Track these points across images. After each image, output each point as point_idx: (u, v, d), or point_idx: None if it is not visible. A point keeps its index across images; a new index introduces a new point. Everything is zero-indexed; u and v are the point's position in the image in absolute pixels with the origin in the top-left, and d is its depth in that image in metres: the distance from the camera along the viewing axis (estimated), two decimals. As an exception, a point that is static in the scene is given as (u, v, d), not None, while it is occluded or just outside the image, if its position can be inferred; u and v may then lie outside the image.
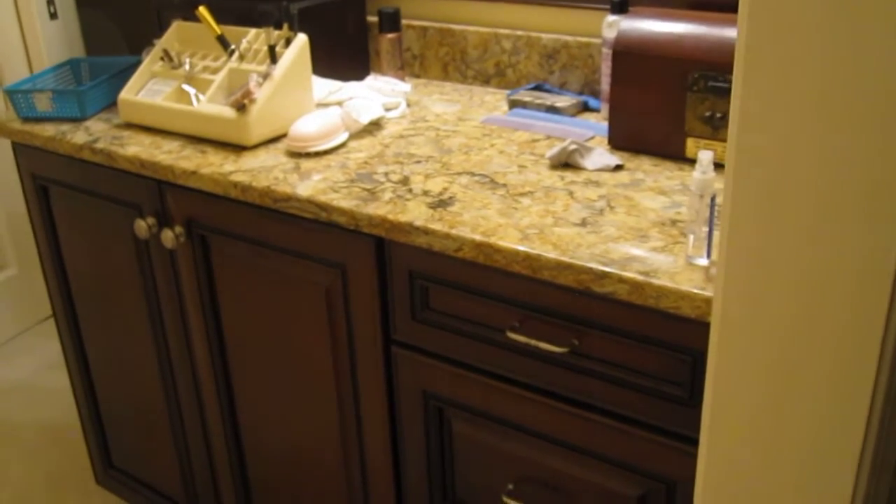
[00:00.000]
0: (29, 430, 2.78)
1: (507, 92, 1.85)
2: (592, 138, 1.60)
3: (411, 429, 1.50)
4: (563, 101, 1.74)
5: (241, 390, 1.77)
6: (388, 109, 1.74)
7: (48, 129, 1.81)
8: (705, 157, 1.14)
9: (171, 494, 2.11)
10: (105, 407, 2.17)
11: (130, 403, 2.07)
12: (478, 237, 1.25)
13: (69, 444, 2.70)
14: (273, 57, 1.65)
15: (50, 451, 2.68)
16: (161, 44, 1.83)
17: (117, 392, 2.10)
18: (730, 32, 1.43)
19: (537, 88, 1.83)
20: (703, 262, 1.16)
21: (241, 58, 1.72)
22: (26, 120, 1.87)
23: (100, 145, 1.70)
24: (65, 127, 1.81)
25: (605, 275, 1.15)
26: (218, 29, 1.73)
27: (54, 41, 2.91)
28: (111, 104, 1.90)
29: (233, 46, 1.72)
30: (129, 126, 1.78)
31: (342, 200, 1.39)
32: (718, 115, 1.43)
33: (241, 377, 1.75)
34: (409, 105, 1.81)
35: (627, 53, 1.50)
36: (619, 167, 1.47)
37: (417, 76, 2.04)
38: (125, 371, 2.03)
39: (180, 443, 1.99)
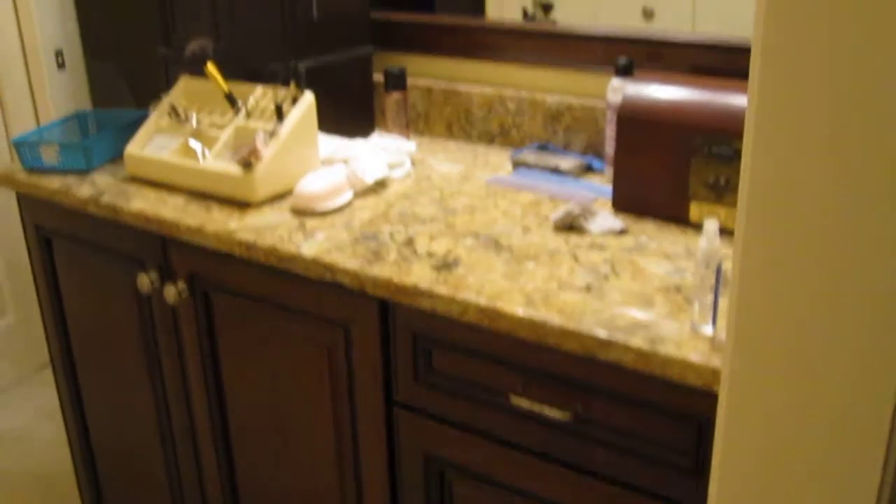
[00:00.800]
0: (23, 479, 2.75)
1: (512, 152, 1.86)
2: (596, 201, 1.61)
3: (412, 492, 1.48)
4: (567, 162, 1.75)
5: (239, 447, 1.76)
6: (392, 168, 1.75)
7: (54, 182, 1.81)
8: (711, 226, 1.14)
9: (166, 551, 2.08)
10: (100, 458, 2.15)
11: (126, 455, 2.05)
12: (482, 301, 1.25)
13: (63, 494, 2.67)
14: (280, 115, 1.66)
15: (44, 500, 2.65)
16: (168, 99, 1.85)
17: (113, 443, 2.08)
18: (733, 99, 1.44)
19: (541, 149, 1.84)
20: (709, 330, 1.16)
21: (248, 115, 1.73)
22: (32, 171, 1.87)
23: (105, 199, 1.70)
24: (70, 179, 1.82)
25: (610, 343, 1.15)
26: (225, 86, 1.74)
27: (61, 91, 2.93)
28: (117, 157, 1.91)
29: (240, 103, 1.73)
30: (135, 180, 1.79)
31: (347, 261, 1.39)
32: (722, 180, 1.44)
33: (240, 434, 1.74)
34: (413, 164, 1.82)
35: (632, 119, 1.51)
36: (623, 231, 1.47)
37: (422, 134, 2.05)
38: (122, 422, 2.01)
39: (176, 498, 1.97)
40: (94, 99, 3.02)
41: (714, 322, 1.16)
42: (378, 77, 1.99)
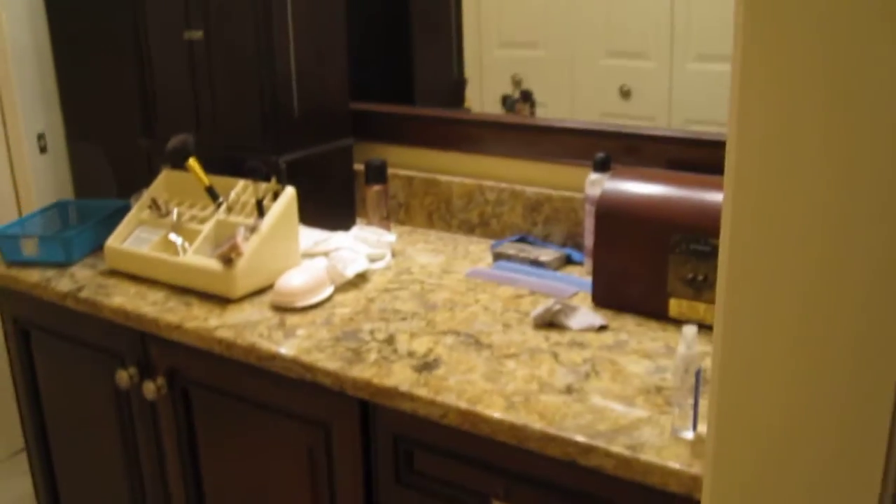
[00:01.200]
0: (-5, 573, 2.69)
1: (492, 243, 1.87)
2: (576, 295, 1.62)
3: None
4: (546, 254, 1.77)
5: (218, 545, 1.73)
6: (373, 260, 1.76)
7: (33, 275, 1.81)
8: (689, 332, 1.15)
9: None
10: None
11: (103, 551, 2.02)
12: (463, 405, 1.24)
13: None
14: (261, 210, 1.67)
15: None
16: (149, 192, 1.86)
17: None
18: (709, 196, 1.46)
19: (521, 240, 1.86)
20: (689, 435, 1.15)
21: (229, 210, 1.74)
22: (11, 264, 1.87)
23: (84, 294, 1.70)
24: (50, 273, 1.81)
25: (591, 448, 1.14)
26: (207, 180, 1.75)
27: (43, 175, 2.94)
28: (98, 248, 1.91)
29: (221, 199, 1.74)
30: (115, 273, 1.79)
31: (327, 361, 1.38)
32: (700, 277, 1.45)
33: (219, 532, 1.71)
34: (394, 255, 1.83)
35: (610, 215, 1.53)
36: (603, 328, 1.48)
37: (402, 223, 2.06)
38: (99, 516, 1.98)
39: None
40: (76, 181, 3.02)
41: (695, 426, 1.16)
42: (359, 167, 2.01)
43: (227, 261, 1.61)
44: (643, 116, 1.98)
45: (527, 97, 2.10)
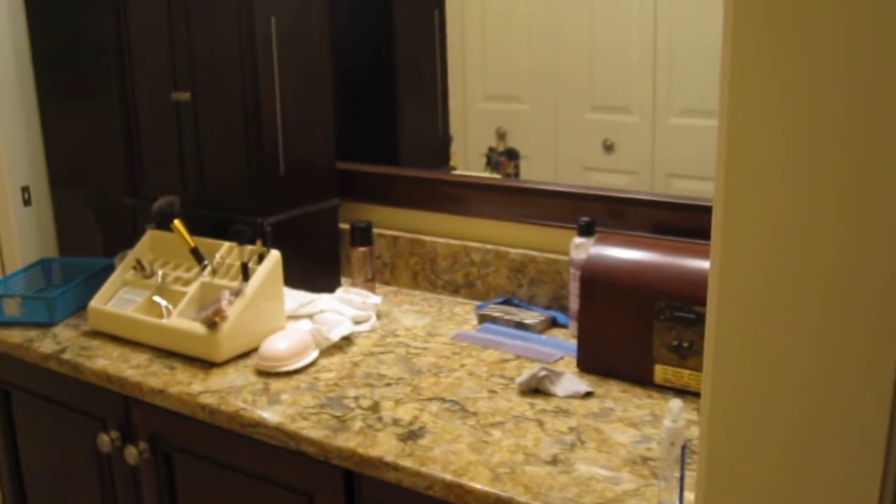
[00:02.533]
0: None
1: (477, 305, 1.87)
2: (561, 359, 1.62)
3: None
4: (531, 317, 1.77)
5: None
6: (358, 322, 1.76)
7: (15, 335, 1.80)
8: (675, 405, 1.15)
9: None
10: None
11: None
12: (448, 477, 1.24)
13: None
14: (245, 274, 1.67)
15: None
16: (134, 253, 1.85)
17: None
18: (694, 263, 1.47)
19: (506, 302, 1.86)
20: (675, 509, 1.15)
21: (214, 272, 1.73)
22: (-7, 324, 1.86)
23: (67, 356, 1.69)
24: (32, 333, 1.80)
25: (577, 523, 1.14)
26: (192, 242, 1.75)
27: (27, 228, 2.93)
28: (81, 308, 1.90)
29: (206, 261, 1.74)
30: (98, 334, 1.78)
31: (311, 429, 1.38)
32: (685, 343, 1.45)
33: None
34: (379, 317, 1.83)
35: (595, 280, 1.54)
36: (588, 394, 1.48)
37: (387, 283, 2.06)
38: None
39: None
40: (60, 235, 3.01)
41: (681, 499, 1.15)
42: (344, 226, 2.01)
43: (212, 324, 1.60)
44: (626, 170, 2.00)
45: (512, 155, 2.12)
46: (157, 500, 1.66)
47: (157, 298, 1.74)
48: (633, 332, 1.50)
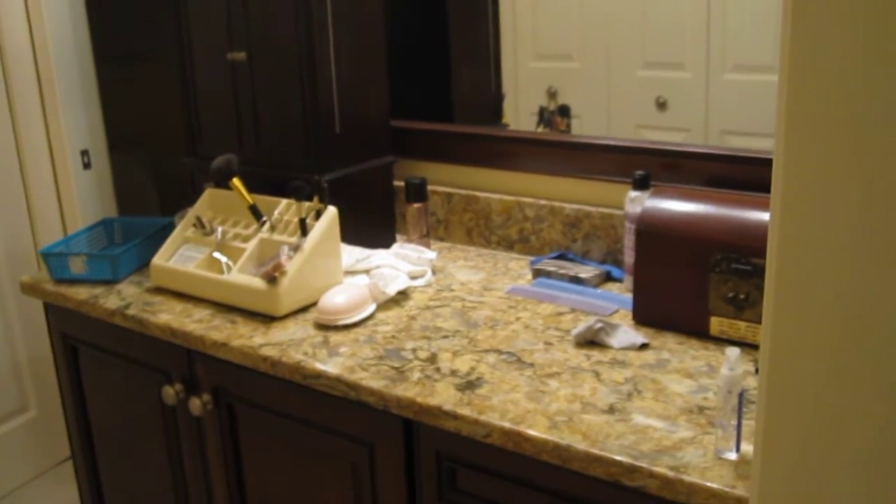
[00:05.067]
0: (42, 582, 2.73)
1: (531, 260, 1.88)
2: (616, 312, 1.62)
3: None
4: (586, 271, 1.78)
5: (262, 559, 1.75)
6: (413, 278, 1.78)
7: (81, 292, 1.84)
8: (733, 354, 1.15)
9: None
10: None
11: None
12: (506, 425, 1.26)
13: None
14: (304, 229, 1.69)
15: None
16: (194, 210, 1.89)
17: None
18: (750, 215, 1.46)
19: (560, 257, 1.87)
20: (733, 456, 1.16)
21: (273, 228, 1.76)
22: (59, 281, 1.91)
23: (131, 311, 1.73)
24: (97, 290, 1.85)
25: (635, 469, 1.15)
26: (250, 199, 1.78)
27: (87, 191, 2.99)
28: (143, 266, 1.94)
29: (264, 217, 1.77)
30: (161, 291, 1.82)
31: (371, 380, 1.40)
32: (741, 295, 1.45)
33: (263, 546, 1.74)
34: (434, 272, 1.85)
35: (650, 233, 1.54)
36: (644, 346, 1.48)
37: (442, 240, 2.08)
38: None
39: None
40: (119, 198, 3.07)
41: (738, 448, 1.16)
42: (399, 184, 2.03)
43: (272, 279, 1.63)
44: (679, 128, 1.99)
45: (564, 112, 2.12)
46: (221, 451, 1.71)
47: (217, 255, 1.77)
48: (688, 285, 1.50)
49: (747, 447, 1.16)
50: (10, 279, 3.13)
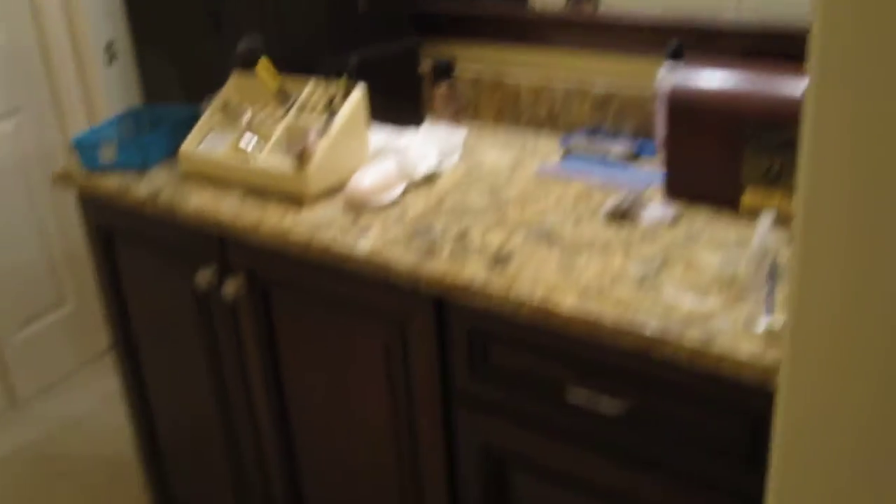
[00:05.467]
0: (87, 465, 2.83)
1: (561, 138, 1.86)
2: (648, 188, 1.61)
3: (471, 485, 1.51)
4: (616, 148, 1.75)
5: (300, 439, 1.79)
6: (443, 159, 1.76)
7: (112, 182, 1.85)
8: (766, 219, 1.14)
9: (231, 535, 2.14)
10: (164, 442, 2.21)
11: (189, 441, 2.11)
12: (536, 299, 1.26)
13: (127, 479, 2.74)
14: (331, 110, 1.68)
15: (108, 486, 2.72)
16: (221, 96, 1.87)
17: (176, 429, 2.14)
18: (785, 87, 1.43)
19: (591, 135, 1.84)
20: (763, 325, 1.16)
21: (300, 110, 1.75)
22: (90, 171, 1.91)
23: (162, 199, 1.74)
24: (128, 179, 1.86)
25: (664, 340, 1.16)
26: (277, 81, 1.77)
27: (112, 84, 2.98)
28: (172, 154, 1.94)
29: (291, 100, 1.75)
30: (190, 177, 1.82)
31: (401, 259, 1.41)
32: (776, 168, 1.43)
33: (300, 426, 1.78)
34: (463, 154, 1.83)
35: (683, 107, 1.51)
36: (675, 220, 1.47)
37: (471, 121, 2.06)
38: (185, 409, 2.06)
39: (239, 483, 2.02)
40: (144, 89, 3.06)
41: (769, 316, 1.16)
42: (427, 65, 2.00)
43: (300, 162, 1.63)
44: (711, 5, 1.92)
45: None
46: (256, 336, 1.73)
47: (245, 140, 1.77)
48: (721, 158, 1.48)
49: (778, 316, 1.16)
50: (40, 176, 3.15)
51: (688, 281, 1.28)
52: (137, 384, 2.16)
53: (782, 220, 1.41)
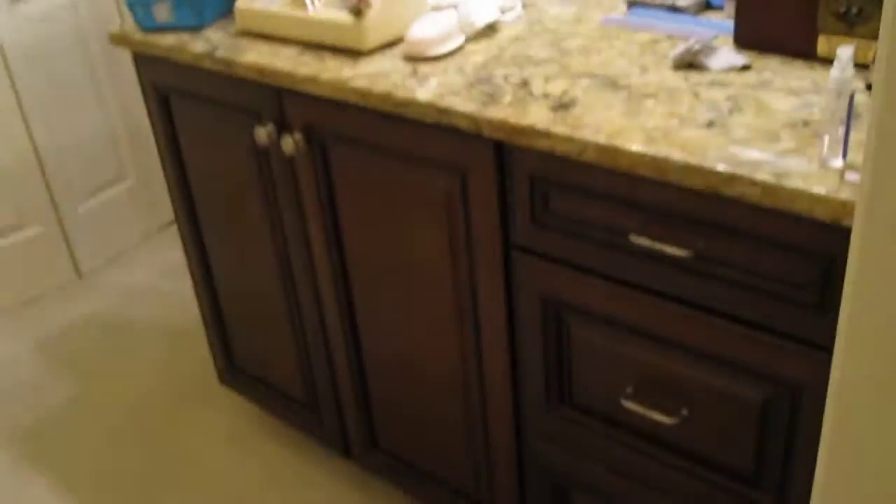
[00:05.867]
0: (154, 333, 2.90)
1: (626, -9, 1.80)
2: (716, 38, 1.55)
3: (530, 334, 1.51)
4: (684, -1, 1.69)
5: (360, 295, 1.80)
6: (503, 11, 1.72)
7: (168, 39, 1.84)
8: (844, 53, 1.09)
9: (293, 394, 2.18)
10: (227, 310, 2.25)
11: (252, 306, 2.14)
12: (601, 140, 1.23)
13: (193, 348, 2.81)
14: (388, -40, 1.63)
15: (174, 353, 2.79)
16: (275, -51, 1.83)
17: (239, 295, 2.17)
18: (868, -79, 1.35)
19: (657, -13, 1.77)
20: (839, 163, 1.12)
21: (357, -39, 1.70)
22: (146, 31, 1.90)
23: (219, 54, 1.72)
24: (184, 36, 1.84)
25: (735, 177, 1.12)
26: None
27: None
28: (228, 12, 1.92)
29: (348, -50, 1.71)
30: (247, 34, 1.80)
31: (462, 104, 1.38)
32: (854, 10, 1.36)
33: (360, 281, 1.78)
34: (524, 6, 1.78)
35: (757, -53, 1.44)
36: (745, 67, 1.42)
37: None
38: (246, 274, 2.09)
39: (301, 345, 2.05)
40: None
41: (844, 155, 1.12)
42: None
43: (357, 12, 1.59)
44: None
45: None
46: (315, 189, 1.73)
47: (301, -8, 1.73)
48: (796, 2, 1.41)
49: (856, 157, 1.12)
50: (99, 49, 3.15)
51: (759, 125, 1.23)
52: (200, 250, 2.19)
53: (859, 66, 1.36)
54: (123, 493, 2.28)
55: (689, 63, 1.44)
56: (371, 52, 1.62)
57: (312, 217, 1.77)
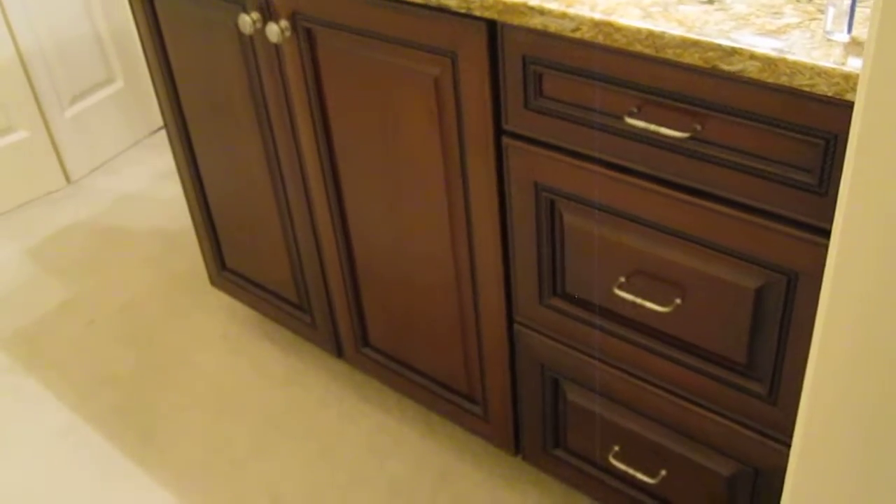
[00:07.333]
0: (145, 237, 2.87)
1: None
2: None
3: (521, 222, 1.48)
4: None
5: (349, 185, 1.77)
6: None
7: (149, -77, 1.77)
8: (853, -83, 1.03)
9: (284, 295, 2.17)
10: (217, 211, 2.22)
11: (241, 206, 2.11)
12: (597, 16, 1.18)
13: (184, 250, 2.79)
14: None
15: (166, 256, 2.77)
16: None
17: (229, 197, 2.13)
18: None
19: None
20: (844, 37, 1.07)
21: None
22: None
23: (201, -63, 1.66)
24: (165, -80, 1.77)
25: (734, 51, 1.08)
26: None
27: None
28: None
29: None
30: (230, -83, 1.73)
31: (452, -18, 1.33)
32: None
33: (349, 172, 1.75)
34: None
35: None
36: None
37: None
38: (236, 174, 2.05)
39: (290, 242, 2.02)
40: None
41: (850, 28, 1.07)
42: None
43: None
44: None
45: None
46: (302, 78, 1.68)
47: None
48: None
49: (860, 33, 1.07)
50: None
51: (761, 0, 1.18)
52: (189, 153, 2.15)
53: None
54: (117, 391, 2.28)
55: (690, -60, 1.38)
56: (359, -68, 1.56)
57: (300, 109, 1.73)
